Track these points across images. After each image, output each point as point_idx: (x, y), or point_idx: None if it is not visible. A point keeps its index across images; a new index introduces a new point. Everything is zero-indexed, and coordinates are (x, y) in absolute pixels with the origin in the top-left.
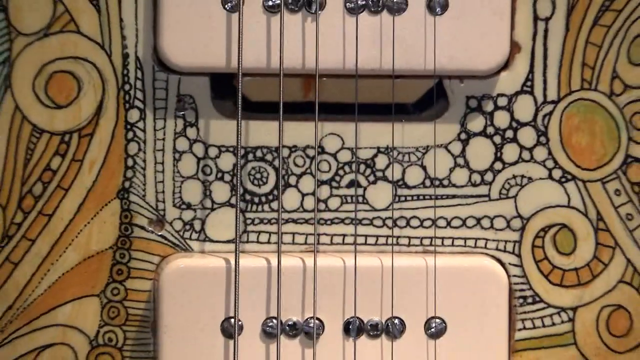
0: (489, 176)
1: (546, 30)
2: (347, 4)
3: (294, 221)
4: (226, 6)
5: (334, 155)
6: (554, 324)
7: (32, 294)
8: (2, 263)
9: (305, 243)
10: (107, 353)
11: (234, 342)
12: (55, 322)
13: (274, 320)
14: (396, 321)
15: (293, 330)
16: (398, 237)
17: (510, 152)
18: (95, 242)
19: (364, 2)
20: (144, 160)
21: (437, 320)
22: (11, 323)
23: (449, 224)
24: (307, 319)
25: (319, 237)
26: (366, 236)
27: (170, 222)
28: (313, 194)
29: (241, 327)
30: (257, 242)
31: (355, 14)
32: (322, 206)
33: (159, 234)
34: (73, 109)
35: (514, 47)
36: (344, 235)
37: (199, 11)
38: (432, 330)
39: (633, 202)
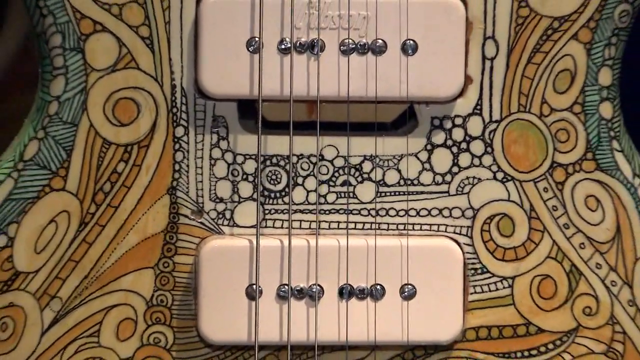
0: (448, 177)
1: (491, 67)
2: (341, 47)
3: (301, 211)
4: (249, 49)
5: (331, 162)
6: (497, 289)
7: (102, 266)
8: (80, 243)
9: (309, 228)
10: (159, 311)
11: (256, 303)
12: (120, 288)
13: (286, 286)
14: (378, 287)
15: (300, 294)
16: (379, 223)
17: (464, 159)
18: (151, 227)
19: (353, 46)
20: (187, 166)
21: (409, 286)
22: (87, 289)
23: (418, 213)
24: (310, 285)
25: (320, 224)
26: (355, 222)
27: (207, 212)
28: (315, 190)
29: (261, 292)
30: (273, 227)
31: (347, 55)
32: (322, 200)
33: (199, 221)
34: (134, 126)
35: (467, 79)
36: (339, 222)
37: (229, 52)
38: (405, 294)
39: (557, 197)
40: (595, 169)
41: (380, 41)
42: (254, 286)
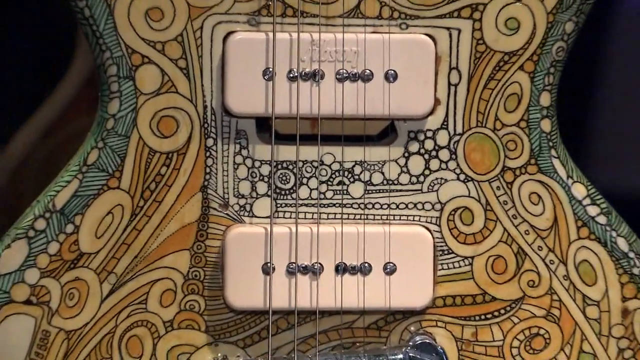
0: (421, 178)
1: (455, 92)
2: (337, 76)
3: (305, 205)
4: (265, 77)
5: (329, 166)
6: (460, 267)
7: (149, 248)
8: (131, 230)
9: (312, 218)
10: (194, 284)
11: (270, 277)
12: (163, 265)
13: (294, 264)
14: (366, 265)
15: (305, 270)
16: (367, 214)
17: (434, 164)
18: (187, 217)
19: (347, 75)
20: (216, 169)
21: (391, 264)
22: (136, 266)
23: (397, 207)
24: (313, 263)
25: (320, 215)
26: (348, 214)
27: (231, 206)
28: (316, 189)
29: (274, 268)
30: (283, 217)
31: (342, 82)
32: (322, 196)
33: (225, 212)
34: (173, 138)
35: (436, 101)
36: (335, 213)
37: (249, 80)
38: (388, 270)
39: (507, 194)
40: (537, 171)
41: (368, 71)
42: (268, 264)
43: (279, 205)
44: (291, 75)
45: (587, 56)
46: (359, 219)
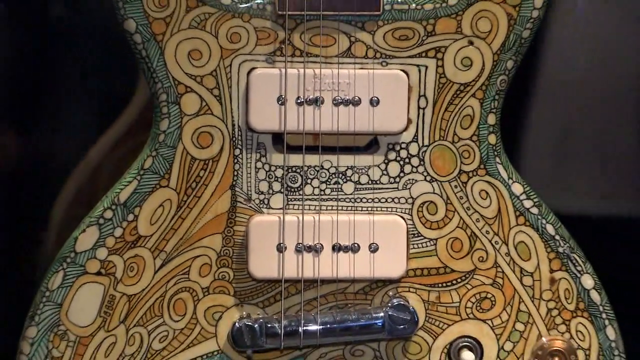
0: (397, 179)
1: (424, 113)
2: (334, 101)
3: (309, 199)
4: (279, 102)
5: (327, 170)
6: (427, 246)
7: (191, 232)
8: (177, 219)
9: (315, 209)
10: (225, 259)
11: (282, 254)
12: (201, 245)
13: (300, 244)
14: (355, 245)
15: (309, 249)
16: (357, 206)
17: (407, 168)
18: (220, 208)
19: (341, 101)
20: (241, 172)
21: (374, 244)
22: (181, 246)
23: (379, 201)
24: (315, 244)
25: (321, 207)
26: (342, 206)
27: (253, 200)
28: (318, 187)
29: (285, 248)
30: (293, 209)
31: (337, 106)
32: (322, 193)
33: (248, 205)
34: (209, 149)
35: (409, 121)
36: (332, 206)
37: (266, 105)
38: (372, 249)
39: (463, 191)
40: (485, 174)
41: (357, 98)
42: (281, 244)
43: (289, 199)
44: (299, 101)
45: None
46: (350, 210)
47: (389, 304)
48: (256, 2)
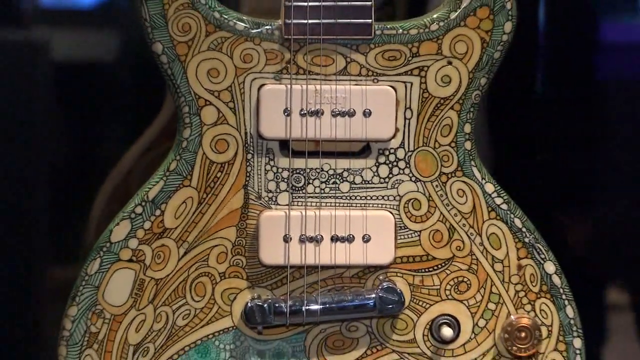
0: (387, 180)
1: (409, 123)
2: (332, 112)
3: (311, 197)
4: (285, 114)
5: (327, 171)
6: (412, 237)
7: (210, 225)
8: (198, 213)
9: (316, 205)
10: (239, 248)
11: (288, 244)
12: (218, 236)
13: (304, 235)
14: (351, 236)
15: (310, 239)
16: (352, 203)
17: (395, 170)
18: (235, 204)
19: (338, 112)
20: (252, 174)
21: (367, 235)
22: (201, 236)
23: (371, 198)
24: (316, 235)
25: (321, 203)
26: (339, 203)
27: (263, 197)
28: (319, 186)
29: (290, 238)
30: (297, 205)
31: (335, 117)
32: (322, 191)
33: (259, 202)
34: (226, 153)
35: (396, 130)
36: (331, 202)
37: (274, 116)
38: (365, 239)
39: (443, 189)
40: (462, 175)
41: (352, 110)
42: (287, 236)
43: (294, 197)
44: (302, 112)
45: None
46: (346, 206)
47: (380, 287)
48: (265, 27)
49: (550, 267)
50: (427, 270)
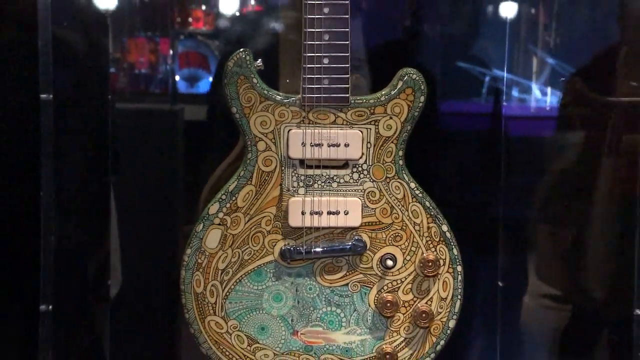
0: (357, 181)
1: (370, 150)
2: (327, 144)
3: (316, 190)
4: (302, 145)
5: (325, 176)
6: (370, 212)
7: (261, 205)
8: (256, 199)
9: (319, 195)
10: (277, 217)
11: (303, 216)
12: (267, 211)
13: (312, 210)
14: (337, 211)
15: (316, 213)
16: (338, 193)
17: (361, 175)
18: (275, 194)
19: (330, 144)
20: (285, 177)
21: (346, 210)
22: (257, 211)
23: (349, 191)
24: (319, 210)
25: (322, 193)
26: (332, 193)
27: (290, 190)
28: (320, 185)
29: (304, 212)
30: (309, 195)
31: (329, 147)
32: (322, 186)
33: (288, 193)
34: (270, 167)
35: (362, 154)
36: (327, 193)
37: (296, 146)
38: (345, 213)
39: (388, 186)
40: (398, 178)
41: (338, 143)
42: (303, 211)
43: (307, 190)
44: (311, 144)
45: None
46: (335, 195)
47: (353, 239)
48: (292, 99)
49: (444, 227)
50: (378, 229)
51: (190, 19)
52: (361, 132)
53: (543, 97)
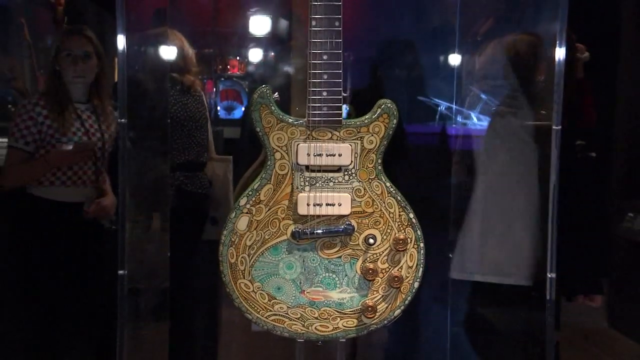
0: (348, 181)
1: (357, 158)
2: (326, 155)
3: (318, 187)
4: (307, 155)
5: (324, 178)
6: (358, 203)
7: (277, 198)
8: (274, 195)
9: (320, 191)
10: (290, 208)
11: (309, 207)
12: (282, 203)
13: (315, 203)
14: (333, 203)
15: (318, 205)
16: (334, 190)
17: (351, 177)
18: (287, 191)
19: (329, 154)
20: (295, 178)
21: (340, 203)
22: (274, 203)
23: (342, 189)
24: (320, 203)
25: (322, 190)
26: (329, 190)
27: (299, 188)
28: (321, 183)
29: (309, 204)
30: (313, 191)
31: (328, 157)
32: (324, 185)
33: (297, 190)
34: (284, 171)
35: (352, 161)
36: (326, 190)
37: (303, 155)
38: (339, 204)
39: (370, 185)
40: (377, 179)
41: (334, 153)
42: (308, 203)
43: (311, 188)
44: (314, 154)
45: None
46: (332, 191)
47: (345, 223)
48: (300, 121)
49: (411, 215)
50: (364, 217)
51: (228, 66)
52: (350, 145)
53: (479, 122)
